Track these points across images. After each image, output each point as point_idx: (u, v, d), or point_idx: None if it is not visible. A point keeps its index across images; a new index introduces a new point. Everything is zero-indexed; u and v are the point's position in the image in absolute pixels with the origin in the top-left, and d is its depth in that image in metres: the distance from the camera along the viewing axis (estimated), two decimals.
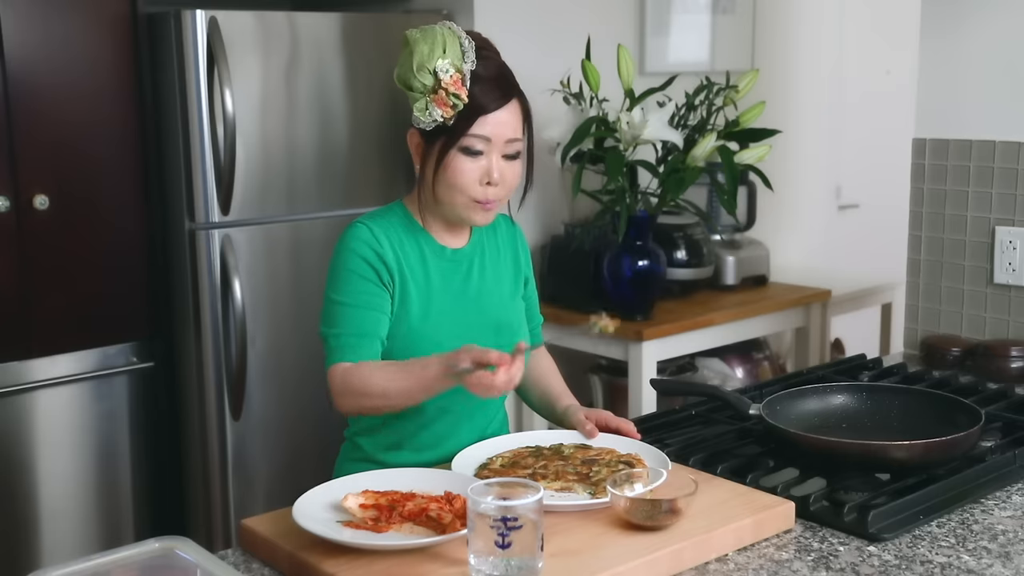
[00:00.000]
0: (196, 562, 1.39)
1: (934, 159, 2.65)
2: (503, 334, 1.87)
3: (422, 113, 1.75)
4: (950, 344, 2.55)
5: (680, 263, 3.48)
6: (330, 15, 3.11)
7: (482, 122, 1.75)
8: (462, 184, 1.77)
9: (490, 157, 1.77)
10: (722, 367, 3.62)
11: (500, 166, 1.78)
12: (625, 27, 3.75)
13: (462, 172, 1.77)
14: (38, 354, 2.90)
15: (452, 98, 1.73)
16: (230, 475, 3.05)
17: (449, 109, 1.74)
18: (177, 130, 2.97)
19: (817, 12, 4.53)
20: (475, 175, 1.77)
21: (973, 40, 2.58)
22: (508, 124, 1.77)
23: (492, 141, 1.77)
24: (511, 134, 1.78)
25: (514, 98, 1.79)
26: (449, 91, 1.73)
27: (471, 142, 1.76)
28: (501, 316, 1.89)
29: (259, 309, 3.03)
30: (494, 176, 1.77)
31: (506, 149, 1.78)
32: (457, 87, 1.73)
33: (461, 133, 1.75)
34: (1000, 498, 1.73)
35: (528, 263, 2.02)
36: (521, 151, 1.82)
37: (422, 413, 1.84)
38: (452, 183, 1.78)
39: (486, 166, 1.77)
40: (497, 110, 1.76)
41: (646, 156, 3.13)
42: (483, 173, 1.77)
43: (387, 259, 1.81)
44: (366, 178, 3.22)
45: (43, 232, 2.86)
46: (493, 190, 1.78)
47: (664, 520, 1.52)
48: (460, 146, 1.76)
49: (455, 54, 1.74)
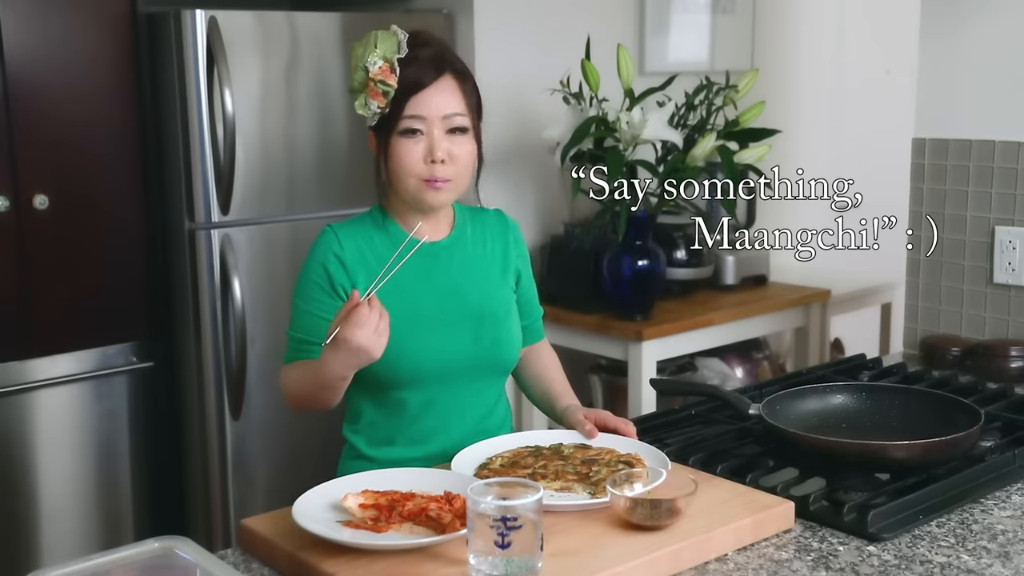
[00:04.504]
0: (196, 562, 1.39)
1: (934, 159, 2.65)
2: (485, 324, 1.88)
3: (362, 109, 1.79)
4: (950, 344, 2.55)
5: (680, 263, 3.48)
6: (330, 15, 3.11)
7: (414, 101, 1.78)
8: (407, 166, 1.79)
9: (431, 135, 1.79)
10: (722, 367, 3.62)
11: (443, 144, 1.79)
12: (625, 27, 3.75)
13: (405, 154, 1.79)
14: (38, 354, 2.90)
15: (381, 86, 1.76)
16: (230, 475, 3.05)
17: (381, 97, 1.77)
18: (177, 130, 2.97)
19: (817, 12, 4.53)
20: (417, 154, 1.79)
21: (973, 40, 2.57)
22: (442, 99, 1.79)
23: (427, 118, 1.78)
24: (448, 109, 1.79)
25: (447, 73, 1.80)
26: (377, 79, 1.76)
27: (407, 123, 1.79)
28: (484, 306, 1.89)
29: (259, 309, 3.03)
30: (436, 153, 1.78)
31: (446, 125, 1.80)
32: (385, 75, 1.76)
33: (397, 116, 1.78)
34: (1000, 498, 1.73)
35: (522, 257, 2.02)
36: (467, 127, 1.82)
37: (405, 409, 1.86)
38: (398, 168, 1.80)
39: (427, 144, 1.79)
40: (428, 86, 1.78)
41: (646, 156, 3.13)
42: (426, 151, 1.79)
43: (347, 263, 1.83)
44: (366, 178, 3.17)
45: (43, 232, 2.86)
46: (441, 168, 1.79)
47: (664, 520, 1.52)
48: (399, 130, 1.79)
49: (386, 47, 1.77)
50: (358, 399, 1.89)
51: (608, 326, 3.24)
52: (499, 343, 1.90)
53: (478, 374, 1.90)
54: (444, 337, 1.84)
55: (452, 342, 1.85)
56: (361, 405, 1.90)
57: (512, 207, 3.42)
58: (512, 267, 1.98)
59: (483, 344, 1.87)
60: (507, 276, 1.97)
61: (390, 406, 1.87)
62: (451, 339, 1.85)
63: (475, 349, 1.87)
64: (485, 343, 1.88)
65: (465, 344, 1.86)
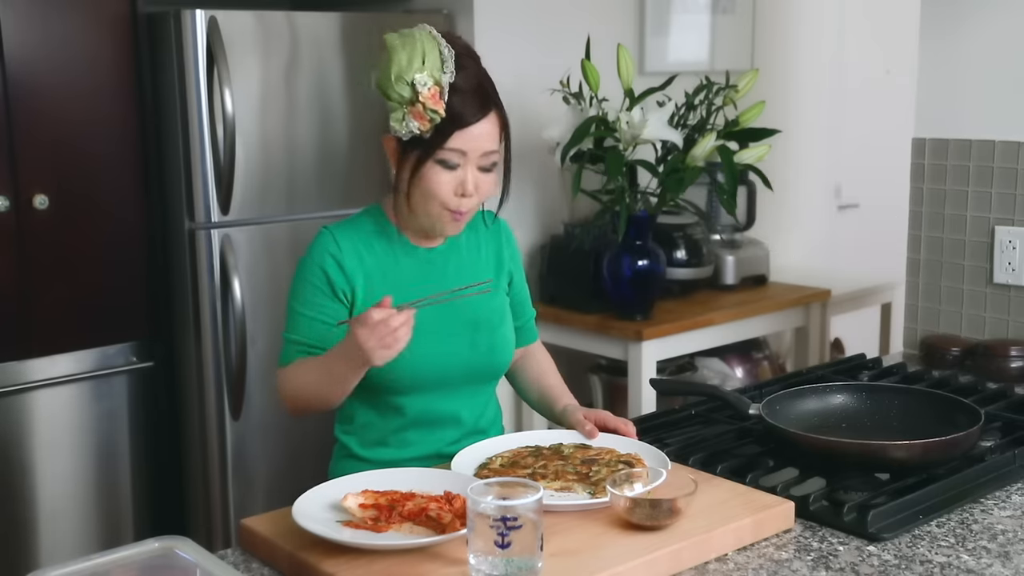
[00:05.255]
0: (196, 562, 1.39)
1: (934, 159, 2.65)
2: (481, 331, 1.88)
3: (399, 124, 1.74)
4: (950, 344, 2.55)
5: (680, 263, 3.48)
6: (330, 15, 3.11)
7: (459, 136, 1.75)
8: (438, 195, 1.77)
9: (466, 169, 1.77)
10: (722, 367, 3.62)
11: (475, 178, 1.78)
12: (625, 27, 3.75)
13: (438, 184, 1.76)
14: (38, 354, 2.90)
15: (430, 112, 1.72)
16: (230, 475, 3.05)
17: (427, 123, 1.73)
18: (177, 130, 2.97)
19: (817, 12, 4.53)
20: (450, 187, 1.77)
21: (973, 40, 2.57)
22: (485, 137, 1.77)
23: (468, 155, 1.76)
24: (488, 147, 1.78)
25: (492, 110, 1.78)
26: (427, 106, 1.71)
27: (448, 155, 1.75)
28: (479, 313, 1.89)
29: (259, 309, 3.03)
30: (468, 188, 1.77)
31: (482, 162, 1.78)
32: (435, 101, 1.72)
33: (438, 146, 1.75)
34: (1000, 498, 1.73)
35: (514, 258, 2.01)
36: (497, 162, 1.82)
37: (401, 413, 1.86)
38: (427, 193, 1.78)
39: (461, 177, 1.77)
40: (474, 124, 1.75)
41: (646, 156, 3.13)
42: (458, 184, 1.77)
43: (346, 266, 1.82)
44: (366, 178, 3.22)
45: (43, 232, 2.86)
46: (467, 201, 1.78)
47: (664, 520, 1.52)
48: (436, 159, 1.76)
49: (434, 64, 1.72)
50: (352, 401, 1.88)
51: (608, 326, 3.24)
52: (494, 349, 1.90)
53: (473, 379, 1.90)
54: (441, 344, 1.84)
55: (449, 349, 1.84)
56: (355, 407, 1.89)
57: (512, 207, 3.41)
58: (505, 269, 1.98)
59: (479, 350, 1.87)
60: (500, 280, 1.97)
61: (385, 410, 1.87)
62: (448, 346, 1.84)
63: (471, 356, 1.87)
64: (481, 349, 1.88)
65: (462, 351, 1.86)
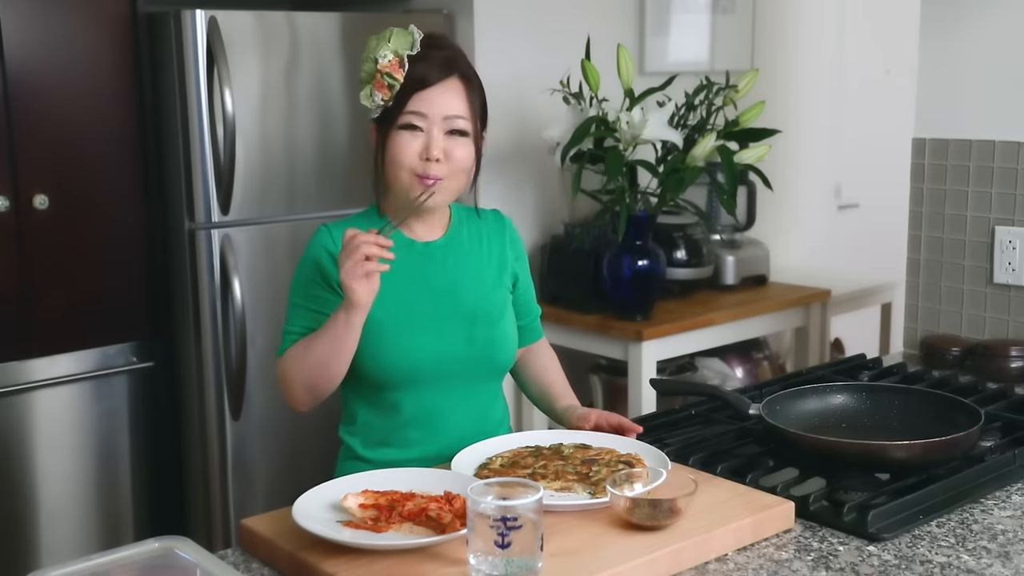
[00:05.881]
0: (196, 562, 1.39)
1: (934, 159, 2.65)
2: (478, 325, 1.88)
3: (366, 99, 1.81)
4: (950, 344, 2.55)
5: (680, 263, 3.48)
6: (330, 15, 3.11)
7: (417, 98, 1.79)
8: (402, 159, 1.80)
9: (430, 132, 1.80)
10: (722, 367, 3.62)
11: (441, 143, 1.80)
12: (625, 27, 3.75)
13: (401, 147, 1.80)
14: (38, 354, 2.90)
15: (387, 78, 1.78)
16: (230, 475, 3.05)
17: (386, 90, 1.79)
18: (177, 130, 2.97)
19: (817, 12, 4.53)
20: (414, 149, 1.80)
21: (973, 40, 2.58)
22: (446, 100, 1.80)
23: (429, 116, 1.80)
24: (450, 111, 1.81)
25: (454, 75, 1.82)
26: (384, 72, 1.77)
27: (408, 118, 1.80)
28: (478, 307, 1.89)
29: (259, 309, 3.03)
30: (432, 151, 1.79)
31: (446, 125, 1.81)
32: (394, 69, 1.78)
33: (399, 110, 1.80)
34: (1000, 498, 1.73)
35: (520, 257, 2.02)
36: (467, 130, 1.83)
37: (399, 411, 1.86)
38: (394, 160, 1.81)
39: (425, 141, 1.80)
40: (433, 85, 1.80)
41: (646, 156, 3.13)
42: (423, 148, 1.80)
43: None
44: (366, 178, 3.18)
45: (43, 232, 2.86)
46: (435, 166, 1.80)
47: (664, 520, 1.52)
48: (399, 124, 1.80)
49: (399, 43, 1.79)
50: (353, 401, 1.90)
51: (608, 326, 3.24)
52: (493, 344, 1.90)
53: (473, 375, 1.90)
54: (437, 337, 1.84)
55: (445, 342, 1.85)
56: (356, 407, 1.90)
57: (512, 207, 3.43)
58: (508, 267, 1.98)
59: (477, 345, 1.87)
60: (503, 277, 1.97)
61: (384, 408, 1.87)
62: (444, 339, 1.85)
63: (469, 350, 1.87)
64: (479, 344, 1.87)
65: (458, 345, 1.86)
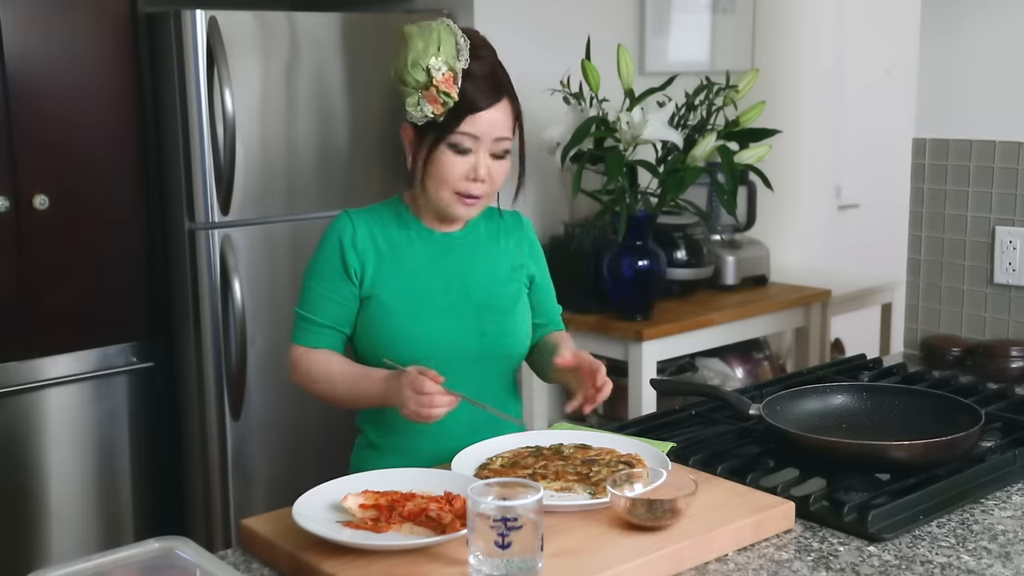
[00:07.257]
0: (196, 562, 1.39)
1: (934, 159, 2.65)
2: (486, 317, 1.90)
3: (414, 108, 1.80)
4: (950, 344, 2.55)
5: (680, 263, 3.48)
6: (330, 15, 3.11)
7: (471, 120, 1.80)
8: (448, 178, 1.82)
9: (478, 154, 1.82)
10: (722, 367, 3.62)
11: (487, 164, 1.82)
12: (625, 27, 3.75)
13: (449, 167, 1.82)
14: (39, 354, 2.90)
15: (443, 95, 1.77)
16: (230, 475, 3.05)
17: (440, 106, 1.78)
18: (177, 130, 2.97)
19: (817, 12, 4.53)
20: (461, 170, 1.82)
21: (973, 40, 2.57)
22: (497, 123, 1.82)
23: (480, 139, 1.81)
24: (499, 133, 1.82)
25: (504, 98, 1.83)
26: (440, 88, 1.77)
27: (459, 139, 1.81)
28: (487, 300, 1.92)
29: (259, 309, 3.03)
30: (480, 172, 1.82)
31: (494, 148, 1.83)
32: (448, 85, 1.77)
33: (450, 130, 1.80)
34: (1000, 498, 1.73)
35: (536, 257, 2.04)
36: (510, 150, 1.86)
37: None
38: (439, 177, 1.83)
39: (473, 162, 1.82)
40: (487, 109, 1.80)
41: (646, 156, 3.13)
42: (469, 168, 1.82)
43: (358, 244, 1.88)
44: (366, 178, 3.22)
45: (43, 232, 2.86)
46: (478, 186, 1.83)
47: (664, 520, 1.52)
48: (449, 142, 1.81)
49: (449, 52, 1.78)
50: None
51: (608, 326, 3.24)
52: (505, 334, 1.91)
53: (485, 365, 1.91)
54: (449, 325, 1.87)
55: (457, 331, 1.87)
56: None
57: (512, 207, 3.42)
58: (524, 265, 2.00)
59: (488, 335, 1.89)
60: (517, 272, 1.99)
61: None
62: (456, 327, 1.87)
63: (480, 340, 1.89)
64: (491, 334, 1.90)
65: (470, 334, 1.88)
